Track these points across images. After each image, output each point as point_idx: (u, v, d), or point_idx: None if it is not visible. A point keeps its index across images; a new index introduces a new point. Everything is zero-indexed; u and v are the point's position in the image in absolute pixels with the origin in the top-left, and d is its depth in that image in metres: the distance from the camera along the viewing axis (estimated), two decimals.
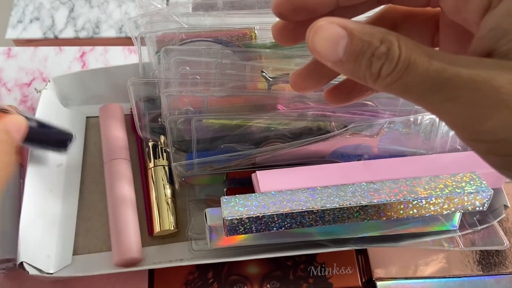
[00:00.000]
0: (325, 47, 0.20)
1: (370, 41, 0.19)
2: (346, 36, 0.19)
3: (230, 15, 0.52)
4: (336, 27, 0.19)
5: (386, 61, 0.19)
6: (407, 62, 0.18)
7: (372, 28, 0.19)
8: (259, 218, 0.36)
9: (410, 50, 0.19)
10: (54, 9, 0.68)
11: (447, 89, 0.18)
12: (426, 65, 0.18)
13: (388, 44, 0.19)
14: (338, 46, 0.19)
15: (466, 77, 0.18)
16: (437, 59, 0.18)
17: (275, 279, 0.45)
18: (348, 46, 0.19)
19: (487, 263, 0.46)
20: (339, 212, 0.37)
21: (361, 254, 0.47)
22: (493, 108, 0.18)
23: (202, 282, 0.45)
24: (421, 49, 0.19)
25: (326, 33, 0.20)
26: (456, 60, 0.18)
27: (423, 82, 0.18)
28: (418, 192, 0.38)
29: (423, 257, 0.46)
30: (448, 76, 0.18)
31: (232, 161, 0.45)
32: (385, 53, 0.19)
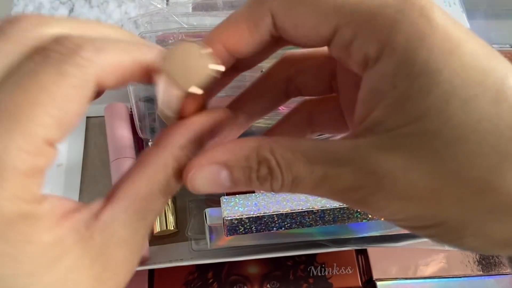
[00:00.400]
0: (208, 187, 0.19)
1: (249, 165, 0.18)
2: (223, 168, 0.19)
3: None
4: (210, 167, 0.19)
5: (272, 180, 0.18)
6: (291, 176, 0.18)
7: (243, 148, 0.19)
8: (259, 218, 0.36)
9: (288, 161, 0.18)
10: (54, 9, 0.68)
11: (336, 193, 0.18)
12: (308, 175, 0.18)
13: (266, 163, 0.18)
14: (221, 180, 0.19)
15: (348, 177, 0.17)
16: (317, 162, 0.18)
17: (275, 279, 0.45)
18: (231, 177, 0.19)
19: (487, 263, 0.46)
20: (339, 212, 0.37)
21: (361, 254, 0.47)
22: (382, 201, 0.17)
23: (202, 282, 0.45)
24: (299, 153, 0.18)
25: (203, 176, 0.19)
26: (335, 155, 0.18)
27: (314, 189, 0.18)
28: None
29: (423, 257, 0.46)
30: (332, 182, 0.18)
31: None
32: (268, 173, 0.18)
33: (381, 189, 0.17)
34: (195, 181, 0.19)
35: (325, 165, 0.18)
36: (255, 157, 0.18)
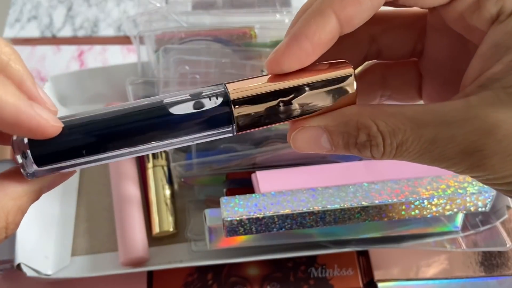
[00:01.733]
0: (309, 146, 0.20)
1: (348, 131, 0.18)
2: (323, 132, 0.19)
3: (229, 13, 0.52)
4: (312, 129, 0.19)
5: (372, 147, 0.18)
6: (395, 143, 0.18)
7: (344, 114, 0.19)
8: (259, 219, 0.36)
9: (392, 127, 0.17)
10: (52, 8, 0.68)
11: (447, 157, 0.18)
12: (417, 137, 0.17)
13: (366, 130, 0.18)
14: (321, 142, 0.19)
15: (462, 139, 0.17)
16: (426, 125, 0.17)
17: (275, 280, 0.45)
18: (330, 142, 0.19)
19: (489, 264, 0.45)
20: (340, 213, 0.37)
21: (362, 256, 0.46)
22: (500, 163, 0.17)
23: (202, 283, 0.44)
24: (405, 118, 0.18)
25: (305, 137, 0.20)
26: (446, 117, 0.17)
27: (422, 154, 0.18)
28: (420, 192, 0.38)
29: (425, 259, 0.46)
30: (444, 145, 0.17)
31: (232, 161, 0.44)
32: (367, 140, 0.18)
33: (500, 151, 0.16)
34: (296, 140, 0.20)
35: (435, 128, 0.17)
36: (354, 123, 0.18)
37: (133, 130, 0.19)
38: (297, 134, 0.20)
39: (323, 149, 0.20)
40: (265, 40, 0.50)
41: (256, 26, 0.50)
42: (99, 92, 0.55)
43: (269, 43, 0.50)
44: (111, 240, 0.47)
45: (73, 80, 0.54)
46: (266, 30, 0.50)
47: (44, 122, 0.18)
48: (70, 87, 0.54)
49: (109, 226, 0.48)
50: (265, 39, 0.50)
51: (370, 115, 0.18)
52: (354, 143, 0.19)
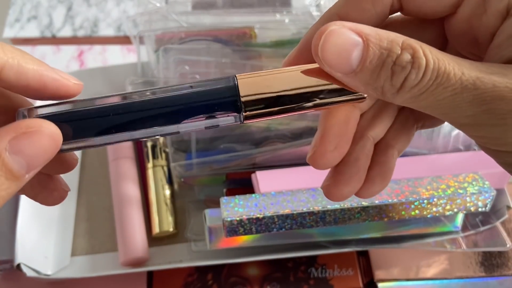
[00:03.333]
0: (336, 56, 0.17)
1: (390, 48, 0.17)
2: (361, 43, 0.17)
3: (229, 13, 0.52)
4: (350, 33, 0.17)
5: (412, 70, 0.17)
6: (437, 72, 0.16)
7: (390, 33, 0.17)
8: (259, 219, 0.36)
9: (437, 57, 0.17)
10: (52, 8, 0.68)
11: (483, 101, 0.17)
12: (459, 74, 0.16)
13: (411, 51, 0.17)
14: (352, 55, 0.17)
15: (505, 86, 0.16)
16: (468, 68, 0.17)
17: (275, 280, 0.44)
18: (364, 55, 0.17)
19: (489, 265, 0.45)
20: (340, 213, 0.37)
21: (362, 256, 0.46)
22: None
23: (202, 284, 0.44)
24: (449, 57, 0.17)
25: (338, 39, 0.17)
26: (486, 68, 0.17)
27: (457, 94, 0.17)
28: (420, 192, 0.38)
29: (425, 259, 0.45)
30: (486, 87, 0.16)
31: (232, 161, 0.44)
32: (409, 61, 0.17)
33: None
34: (327, 43, 0.17)
35: (479, 71, 0.17)
36: (400, 43, 0.17)
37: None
38: (331, 36, 0.17)
39: (347, 67, 0.17)
40: (265, 40, 0.50)
41: (256, 26, 0.50)
42: (99, 92, 0.55)
43: (269, 43, 0.50)
44: (111, 240, 0.47)
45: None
46: (266, 30, 0.50)
47: (66, 82, 0.19)
48: None
49: (109, 226, 0.48)
50: (265, 39, 0.50)
51: (417, 41, 0.17)
52: (391, 62, 0.17)
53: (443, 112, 0.18)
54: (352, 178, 0.22)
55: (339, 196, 0.23)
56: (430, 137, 0.44)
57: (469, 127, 0.18)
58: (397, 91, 0.17)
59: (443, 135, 0.44)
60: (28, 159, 0.17)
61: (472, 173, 0.39)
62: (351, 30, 0.17)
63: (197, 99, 0.19)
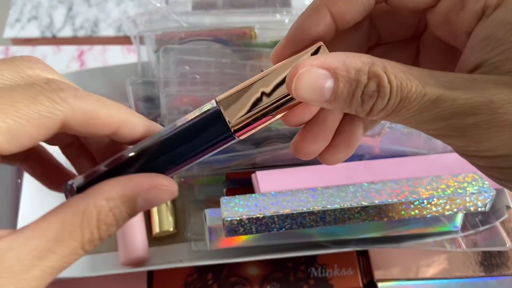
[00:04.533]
0: (309, 93, 0.19)
1: (358, 78, 0.18)
2: (331, 77, 0.18)
3: (230, 14, 0.52)
4: (319, 70, 0.18)
5: (378, 98, 0.18)
6: (399, 97, 0.18)
7: (357, 60, 0.18)
8: (259, 219, 0.36)
9: (400, 82, 0.18)
10: (52, 8, 0.68)
11: (444, 118, 0.18)
12: (420, 96, 0.18)
13: (377, 80, 0.18)
14: (324, 89, 0.18)
15: (463, 103, 0.17)
16: (430, 85, 0.18)
17: (275, 280, 0.45)
18: (335, 88, 0.18)
19: (489, 264, 0.45)
20: (340, 213, 0.37)
21: (362, 255, 0.46)
22: (493, 129, 0.17)
23: (202, 283, 0.44)
24: (411, 76, 0.18)
25: (310, 78, 0.18)
26: (450, 83, 0.18)
27: (419, 113, 0.18)
28: (419, 192, 0.38)
29: (425, 258, 0.46)
30: (445, 105, 0.17)
31: (232, 161, 0.44)
32: (376, 90, 0.18)
33: (496, 117, 0.17)
34: (300, 82, 0.19)
35: (440, 88, 0.18)
36: (366, 72, 0.18)
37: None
38: (304, 74, 0.18)
39: (321, 99, 0.19)
40: (265, 40, 0.50)
41: (256, 26, 0.50)
42: (99, 92, 0.55)
43: (269, 43, 0.50)
44: (112, 240, 0.47)
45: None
46: (266, 30, 0.50)
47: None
48: None
49: None
50: (265, 39, 0.50)
51: (382, 66, 0.18)
52: (360, 92, 0.18)
53: (412, 126, 0.19)
54: (318, 136, 0.24)
55: (305, 153, 0.24)
56: (429, 137, 0.44)
57: (438, 137, 0.19)
58: (367, 114, 0.19)
59: None
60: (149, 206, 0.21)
61: (472, 173, 0.39)
62: (319, 67, 0.18)
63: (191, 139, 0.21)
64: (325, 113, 0.24)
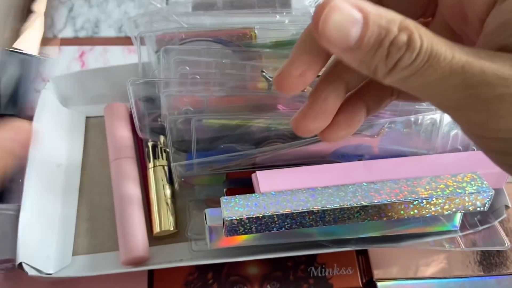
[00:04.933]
0: (336, 31, 0.17)
1: (389, 27, 0.17)
2: (361, 19, 0.17)
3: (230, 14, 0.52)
4: (351, 9, 0.17)
5: (406, 51, 0.17)
6: (429, 54, 0.17)
7: (389, 12, 0.17)
8: (259, 218, 0.36)
9: (431, 40, 0.17)
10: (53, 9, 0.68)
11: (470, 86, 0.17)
12: (449, 57, 0.17)
13: (408, 32, 0.17)
14: (351, 31, 0.17)
15: (492, 72, 0.17)
16: (459, 52, 0.17)
17: (275, 279, 0.45)
18: (362, 32, 0.17)
19: (488, 264, 0.46)
20: (340, 212, 0.37)
21: (361, 255, 0.46)
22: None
23: (202, 282, 0.45)
24: (442, 40, 0.17)
25: (340, 15, 0.17)
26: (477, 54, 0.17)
27: (445, 77, 0.17)
28: (419, 192, 0.38)
29: (424, 258, 0.46)
30: (473, 72, 0.17)
31: (232, 161, 0.44)
32: (406, 42, 0.17)
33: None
34: (328, 17, 0.17)
35: (468, 55, 0.17)
36: (398, 23, 0.17)
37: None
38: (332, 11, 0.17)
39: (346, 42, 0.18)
40: (265, 41, 0.50)
41: (256, 26, 0.50)
42: (100, 92, 0.55)
43: (269, 43, 0.50)
44: (112, 240, 0.47)
45: (74, 80, 0.54)
46: (266, 31, 0.50)
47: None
48: (71, 88, 0.54)
49: (110, 225, 0.48)
50: (265, 39, 0.50)
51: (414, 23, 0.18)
52: (388, 42, 0.17)
53: (430, 94, 0.18)
54: (319, 115, 0.23)
55: (305, 130, 0.24)
56: (428, 137, 0.44)
57: (454, 111, 0.18)
58: (388, 71, 0.18)
59: (441, 135, 0.44)
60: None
61: (471, 173, 0.39)
62: (352, 5, 0.17)
63: None
64: (327, 92, 0.23)
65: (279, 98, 0.46)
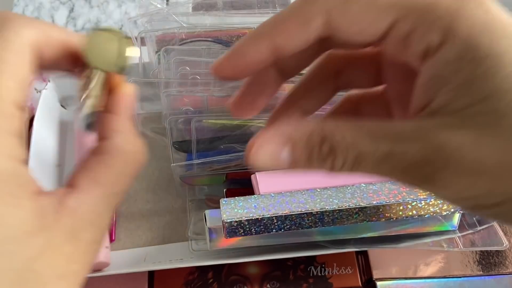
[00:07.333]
0: (269, 163, 0.19)
1: (311, 144, 0.19)
2: (286, 146, 0.19)
3: (230, 15, 0.52)
4: (273, 143, 0.19)
5: (335, 158, 0.19)
6: (354, 154, 0.18)
7: (308, 126, 0.19)
8: (259, 220, 0.36)
9: (352, 140, 0.18)
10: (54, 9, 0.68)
11: (400, 170, 0.18)
12: (372, 151, 0.18)
13: (329, 142, 0.18)
14: (282, 158, 0.19)
15: (414, 154, 0.17)
16: (381, 140, 0.18)
17: (275, 279, 0.45)
18: (291, 155, 0.19)
19: (487, 263, 0.46)
20: (338, 213, 0.37)
21: (361, 254, 0.47)
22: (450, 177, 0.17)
23: (202, 282, 0.45)
24: (363, 132, 0.18)
25: (266, 152, 0.19)
26: (400, 134, 0.18)
27: (376, 167, 0.18)
28: (417, 193, 0.38)
29: (423, 257, 0.46)
30: (397, 158, 0.18)
31: (232, 162, 0.45)
32: (329, 152, 0.18)
33: (450, 165, 0.17)
34: (257, 156, 0.19)
35: (390, 142, 0.18)
36: (318, 135, 0.19)
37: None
38: (260, 150, 0.19)
39: (284, 165, 0.19)
40: None
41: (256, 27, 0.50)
42: None
43: None
44: None
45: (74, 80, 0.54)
46: None
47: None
48: (71, 88, 0.55)
49: None
50: None
51: (332, 128, 0.19)
52: (317, 154, 0.19)
53: (380, 176, 0.19)
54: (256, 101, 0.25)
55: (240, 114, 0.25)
56: None
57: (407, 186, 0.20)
58: (330, 171, 0.19)
59: None
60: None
61: None
62: (274, 140, 0.19)
63: None
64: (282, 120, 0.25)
65: (279, 98, 0.46)
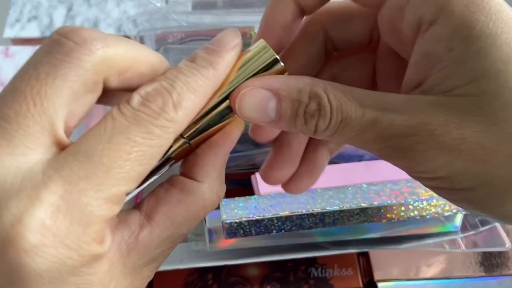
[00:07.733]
0: (254, 112, 0.19)
1: (299, 98, 0.18)
2: (273, 97, 0.19)
3: (229, 13, 0.52)
4: (261, 91, 0.19)
5: (319, 117, 0.18)
6: (340, 117, 0.18)
7: (298, 82, 0.19)
8: (259, 221, 0.36)
9: (340, 102, 0.18)
10: (52, 8, 0.68)
11: (383, 138, 0.18)
12: (359, 116, 0.18)
13: (317, 100, 0.18)
14: (268, 109, 0.19)
15: (400, 124, 0.17)
16: (369, 107, 0.18)
17: (275, 280, 0.45)
18: (278, 108, 0.19)
19: (489, 264, 0.45)
20: (339, 214, 0.37)
21: (362, 256, 0.46)
22: (430, 152, 0.17)
23: (202, 283, 0.45)
24: (352, 97, 0.18)
25: (252, 99, 0.19)
26: (388, 104, 0.18)
27: (359, 133, 0.18)
28: (419, 193, 0.38)
29: (425, 259, 0.46)
30: (383, 126, 0.18)
31: (232, 162, 0.44)
32: (316, 109, 0.18)
33: (432, 139, 0.17)
34: (243, 103, 0.19)
35: (377, 110, 0.18)
36: (307, 91, 0.18)
37: None
38: (246, 95, 0.19)
39: (266, 118, 0.19)
40: None
41: (256, 26, 0.50)
42: None
43: None
44: None
45: None
46: None
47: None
48: None
49: None
50: None
51: (323, 87, 0.19)
52: (303, 112, 0.19)
53: (359, 146, 0.19)
54: (284, 162, 0.24)
55: (274, 180, 0.25)
56: None
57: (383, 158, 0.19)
58: (313, 134, 0.19)
59: None
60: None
61: None
62: (261, 87, 0.19)
63: None
64: (289, 138, 0.24)
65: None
